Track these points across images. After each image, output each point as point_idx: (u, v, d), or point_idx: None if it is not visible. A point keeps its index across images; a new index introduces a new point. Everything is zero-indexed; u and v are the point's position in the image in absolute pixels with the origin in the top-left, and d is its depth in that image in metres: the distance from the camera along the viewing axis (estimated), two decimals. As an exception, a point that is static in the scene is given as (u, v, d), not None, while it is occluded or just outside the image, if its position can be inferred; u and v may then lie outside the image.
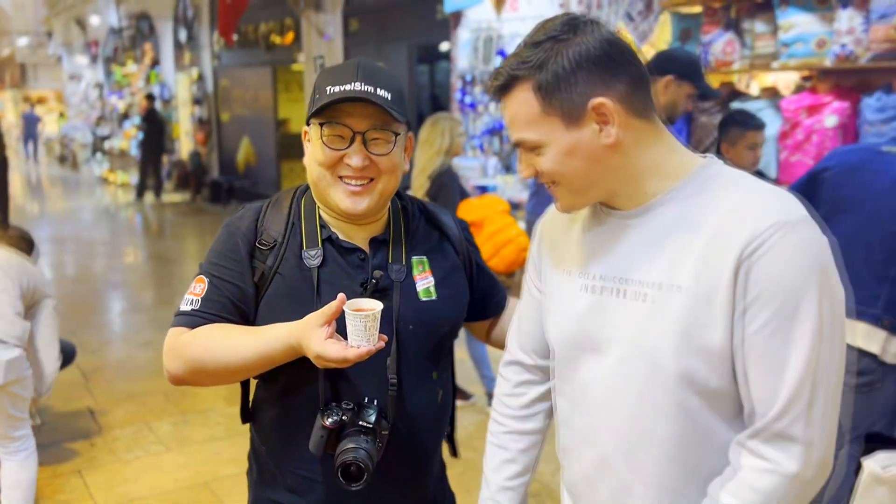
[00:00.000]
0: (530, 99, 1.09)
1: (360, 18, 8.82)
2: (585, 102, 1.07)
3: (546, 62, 1.07)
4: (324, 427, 1.30)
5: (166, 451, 3.83)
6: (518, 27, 6.03)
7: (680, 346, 1.06)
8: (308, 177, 1.42)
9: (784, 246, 1.00)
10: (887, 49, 3.71)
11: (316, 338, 1.21)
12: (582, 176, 1.11)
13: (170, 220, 11.50)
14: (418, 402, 1.42)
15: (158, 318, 6.13)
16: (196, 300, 1.36)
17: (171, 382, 1.38)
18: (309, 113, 1.37)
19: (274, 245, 1.39)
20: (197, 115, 13.43)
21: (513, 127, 1.13)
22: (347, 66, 1.36)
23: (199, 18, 12.79)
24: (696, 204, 1.09)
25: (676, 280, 1.07)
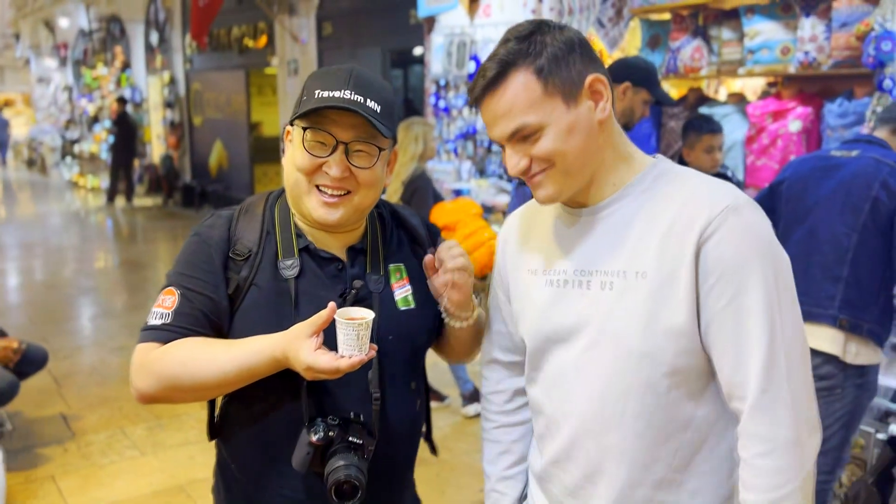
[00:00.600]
0: (531, 82, 1.13)
1: (334, 22, 8.83)
2: (583, 80, 1.15)
3: (542, 48, 1.13)
4: (311, 444, 1.26)
5: (141, 455, 3.82)
6: (491, 32, 6.10)
7: (647, 329, 1.13)
8: (284, 179, 1.38)
9: (737, 226, 1.10)
10: (848, 56, 3.82)
11: (305, 348, 1.17)
12: (580, 153, 1.16)
13: (141, 224, 11.40)
14: (398, 414, 1.40)
15: (131, 324, 6.08)
16: (167, 313, 1.29)
17: (139, 401, 1.31)
18: (294, 114, 1.32)
19: (248, 255, 1.34)
20: (169, 118, 13.32)
21: (510, 115, 1.14)
22: (340, 71, 1.32)
23: (171, 21, 12.70)
24: (653, 197, 1.19)
25: (640, 267, 1.15)
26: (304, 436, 1.28)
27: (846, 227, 2.61)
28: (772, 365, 1.09)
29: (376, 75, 1.37)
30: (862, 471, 3.07)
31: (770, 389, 1.09)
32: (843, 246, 2.61)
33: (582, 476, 1.24)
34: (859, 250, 2.59)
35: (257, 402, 1.35)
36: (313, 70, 8.07)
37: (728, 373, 1.13)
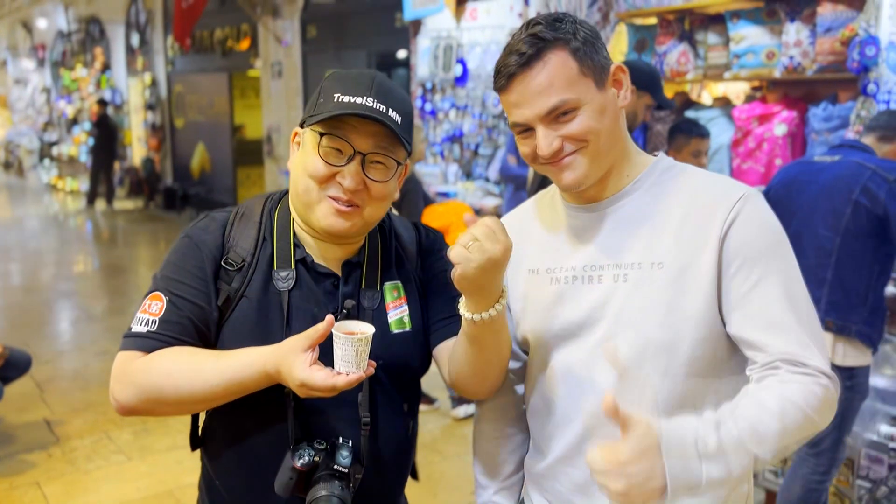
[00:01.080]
0: (569, 61, 1.15)
1: (319, 25, 8.81)
2: (609, 66, 1.20)
3: (575, 31, 1.16)
4: (294, 469, 1.19)
5: (127, 460, 3.77)
6: (477, 36, 6.12)
7: (667, 317, 1.15)
8: (291, 183, 1.30)
9: (754, 213, 1.16)
10: (832, 61, 3.87)
11: (300, 364, 1.10)
12: (609, 135, 1.18)
13: (122, 227, 11.28)
14: (389, 437, 1.33)
15: (113, 327, 6.02)
16: (153, 320, 1.21)
17: (118, 412, 1.22)
18: (309, 116, 1.24)
19: (242, 266, 1.26)
20: (150, 120, 13.20)
21: (549, 91, 1.13)
22: (361, 76, 1.25)
23: (153, 23, 12.60)
24: (661, 192, 1.22)
25: (657, 258, 1.17)
26: (287, 460, 1.21)
27: (829, 230, 2.65)
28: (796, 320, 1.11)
29: (397, 85, 1.28)
30: (849, 470, 3.11)
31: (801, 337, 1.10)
32: (826, 249, 2.65)
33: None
34: (842, 253, 2.63)
35: (242, 420, 1.28)
36: (297, 72, 8.00)
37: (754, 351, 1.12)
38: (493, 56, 5.97)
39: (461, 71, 6.21)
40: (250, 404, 1.23)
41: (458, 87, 6.29)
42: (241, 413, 1.26)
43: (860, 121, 3.66)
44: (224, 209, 1.37)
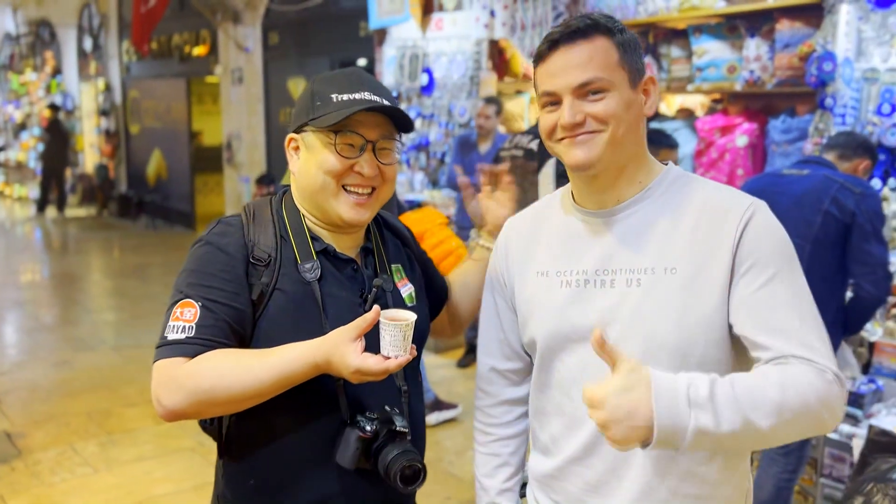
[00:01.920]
0: (611, 49, 1.21)
1: (281, 32, 8.77)
2: (643, 74, 1.25)
3: (620, 31, 1.23)
4: (360, 438, 1.28)
5: (94, 472, 3.69)
6: (443, 46, 6.17)
7: (680, 322, 1.18)
8: (301, 186, 1.38)
9: (763, 219, 1.21)
10: (790, 76, 4.03)
11: (352, 352, 1.18)
12: (629, 130, 1.23)
13: (74, 235, 11.00)
14: (417, 405, 1.45)
15: (71, 337, 5.88)
16: (189, 326, 1.25)
17: (165, 418, 1.25)
18: (311, 119, 1.33)
19: (269, 261, 1.33)
20: (104, 126, 12.92)
21: (587, 66, 1.19)
22: (349, 74, 1.37)
23: (107, 27, 12.35)
24: (671, 200, 1.26)
25: (669, 263, 1.20)
26: (349, 433, 1.29)
27: (800, 238, 2.76)
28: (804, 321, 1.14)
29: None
30: (813, 469, 3.22)
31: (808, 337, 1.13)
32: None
33: (606, 470, 1.25)
34: (812, 262, 2.74)
35: (282, 411, 1.32)
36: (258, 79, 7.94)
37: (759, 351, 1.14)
38: (458, 66, 6.03)
39: (427, 80, 6.25)
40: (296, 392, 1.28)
41: (424, 96, 6.33)
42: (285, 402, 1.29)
43: (818, 133, 3.81)
44: (232, 215, 1.41)
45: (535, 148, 3.14)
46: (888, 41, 3.70)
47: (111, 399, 4.59)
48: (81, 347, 5.63)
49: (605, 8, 4.94)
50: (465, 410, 4.38)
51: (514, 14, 5.52)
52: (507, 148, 3.35)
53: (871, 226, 2.70)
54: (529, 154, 3.16)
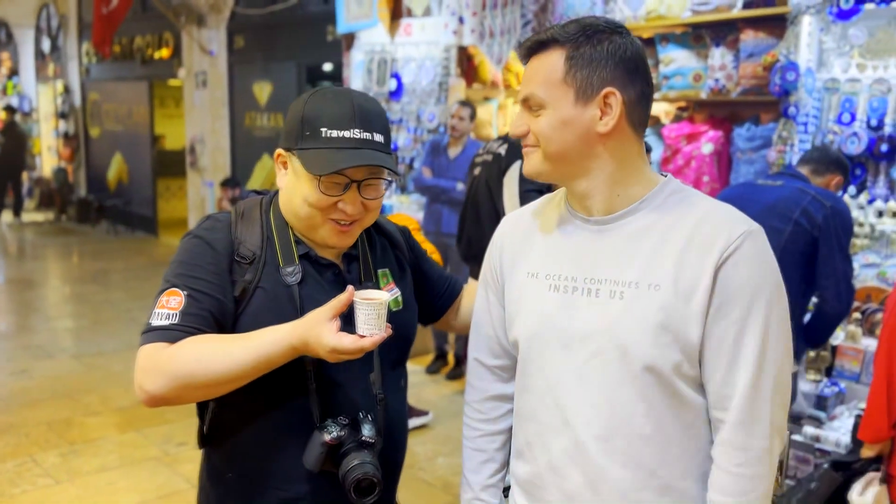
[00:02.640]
0: (558, 64, 1.20)
1: (246, 35, 8.68)
2: (600, 88, 1.19)
3: (586, 42, 1.19)
4: (324, 443, 1.29)
5: (56, 483, 3.59)
6: (412, 51, 6.17)
7: (658, 339, 1.18)
8: (286, 206, 1.41)
9: (751, 252, 1.18)
10: (754, 85, 4.12)
11: (327, 332, 1.21)
12: (563, 147, 1.21)
13: (31, 240, 10.72)
14: (396, 412, 1.46)
15: (30, 345, 5.72)
16: (173, 314, 1.29)
17: (147, 403, 1.28)
18: (297, 147, 1.34)
19: (253, 259, 1.36)
20: (62, 129, 12.64)
21: (529, 82, 1.22)
22: (341, 101, 1.34)
23: (66, 28, 12.10)
24: (666, 213, 1.23)
25: (654, 279, 1.19)
26: (316, 436, 1.31)
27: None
28: (758, 384, 1.17)
29: (368, 97, 1.39)
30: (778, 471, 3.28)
31: (754, 406, 1.17)
32: None
33: (583, 482, 1.25)
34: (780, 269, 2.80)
35: (258, 407, 1.36)
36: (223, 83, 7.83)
37: (718, 384, 1.19)
38: (427, 72, 6.03)
39: (396, 85, 6.25)
40: (270, 389, 1.34)
41: (393, 101, 6.32)
42: (262, 400, 1.36)
43: (781, 141, 3.90)
44: (222, 212, 1.46)
45: (502, 153, 3.18)
46: (848, 52, 3.81)
47: (72, 408, 4.47)
48: (40, 355, 5.49)
49: (573, 15, 4.97)
50: (434, 417, 4.37)
51: (483, 21, 5.55)
52: (481, 153, 3.38)
53: (837, 240, 2.78)
54: (497, 158, 3.20)
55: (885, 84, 3.71)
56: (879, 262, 3.69)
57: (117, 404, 4.48)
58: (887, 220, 3.72)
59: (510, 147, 3.18)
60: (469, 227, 3.40)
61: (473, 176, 3.40)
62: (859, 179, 3.85)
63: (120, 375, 4.92)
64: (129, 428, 4.17)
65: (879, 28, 3.71)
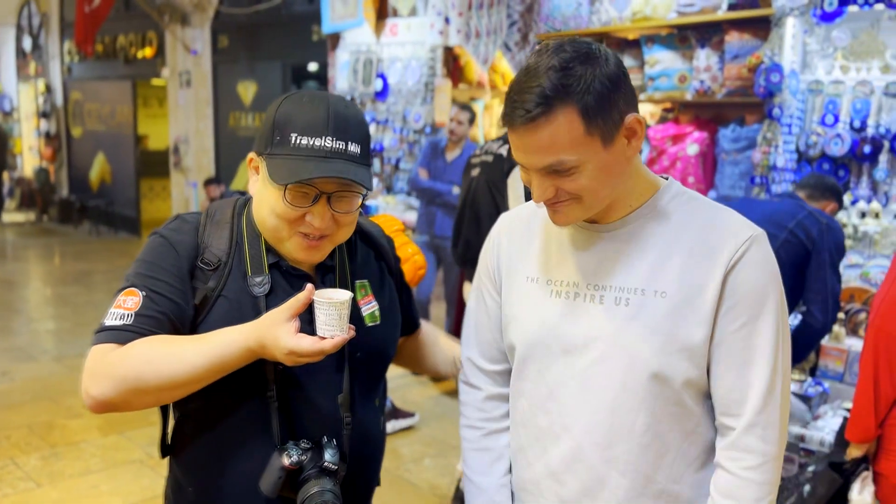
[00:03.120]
0: (575, 122, 1.09)
1: (231, 35, 8.63)
2: (622, 120, 1.13)
3: (588, 85, 1.09)
4: (283, 468, 1.22)
5: (37, 487, 3.55)
6: (398, 51, 6.16)
7: (664, 345, 1.16)
8: (256, 210, 1.31)
9: (758, 257, 1.17)
10: (739, 86, 4.14)
11: (285, 333, 1.13)
12: (608, 191, 1.17)
13: (12, 241, 10.59)
14: (367, 434, 1.38)
15: (11, 347, 5.65)
16: (128, 314, 1.21)
17: (93, 409, 1.19)
18: (266, 153, 1.25)
19: (218, 266, 1.28)
20: (44, 129, 12.51)
21: (549, 151, 1.11)
22: (316, 107, 1.23)
23: (48, 27, 11.98)
24: (670, 218, 1.21)
25: (660, 286, 1.18)
26: (275, 459, 1.23)
27: None
28: (772, 388, 1.16)
29: (348, 103, 1.28)
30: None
31: (766, 410, 1.16)
32: None
33: (581, 489, 1.24)
34: None
35: (222, 423, 1.29)
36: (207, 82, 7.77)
37: (727, 390, 1.18)
38: (413, 72, 6.02)
39: (381, 86, 6.23)
40: (230, 407, 1.27)
41: (379, 101, 6.30)
42: (221, 415, 1.28)
43: (766, 142, 3.92)
44: (192, 212, 1.38)
45: (504, 153, 3.15)
46: (832, 54, 3.84)
47: (54, 411, 4.42)
48: (21, 358, 5.42)
49: (559, 17, 4.99)
50: (420, 418, 4.36)
51: (469, 21, 5.54)
52: (479, 154, 3.36)
53: (830, 256, 2.81)
54: (499, 159, 3.18)
55: (867, 86, 3.74)
56: (862, 263, 3.72)
57: (100, 407, 4.42)
58: (870, 221, 3.76)
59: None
60: (467, 230, 3.36)
61: (471, 177, 3.36)
62: (843, 181, 3.88)
63: (102, 377, 4.86)
64: (111, 431, 4.12)
65: (862, 30, 3.74)
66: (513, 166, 3.10)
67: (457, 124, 4.95)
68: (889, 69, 3.69)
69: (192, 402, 1.28)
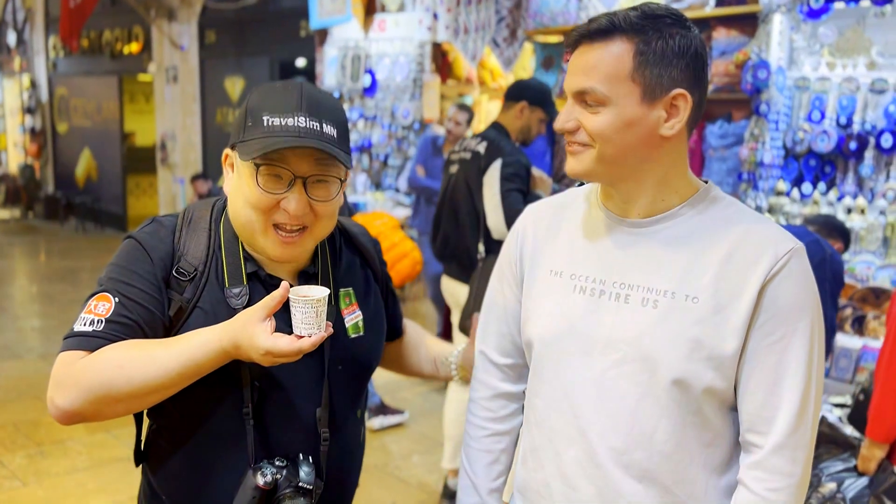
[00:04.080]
0: (625, 58, 1.08)
1: (218, 30, 8.58)
2: (670, 88, 1.10)
3: (656, 36, 1.08)
4: (257, 488, 1.17)
5: (23, 485, 3.52)
6: (386, 47, 6.14)
7: (692, 352, 1.11)
8: (231, 209, 1.26)
9: (797, 270, 1.12)
10: (727, 83, 4.15)
11: (260, 333, 1.09)
12: (623, 150, 1.12)
13: (-3, 238, 10.52)
14: (346, 447, 1.34)
15: (-4, 345, 5.61)
16: (98, 320, 1.16)
17: (60, 420, 1.13)
18: (239, 141, 1.20)
19: (194, 275, 1.22)
20: (29, 124, 12.40)
21: (589, 74, 1.09)
22: (289, 91, 1.19)
23: (32, 22, 11.87)
24: (706, 222, 1.16)
25: (692, 291, 1.12)
26: (249, 479, 1.19)
27: None
28: (804, 409, 1.11)
29: (324, 91, 1.25)
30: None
31: (797, 431, 1.11)
32: None
33: (595, 494, 1.19)
34: None
35: (195, 437, 1.25)
36: (194, 78, 7.73)
37: (756, 406, 1.13)
38: (401, 68, 6.00)
39: (370, 81, 6.21)
40: (205, 421, 1.22)
41: (367, 97, 6.29)
42: (194, 430, 1.24)
43: (753, 138, 3.94)
44: (169, 215, 1.32)
45: (481, 151, 3.16)
46: (818, 51, 3.86)
47: (39, 409, 4.38)
48: (6, 356, 5.37)
49: (547, 14, 5.00)
50: (410, 415, 4.36)
51: (458, 17, 5.53)
52: (457, 150, 3.36)
53: (831, 287, 2.80)
54: (476, 156, 3.19)
55: (853, 83, 3.76)
56: (848, 259, 3.74)
57: (86, 404, 4.39)
58: (856, 217, 3.78)
59: (489, 145, 3.17)
60: (445, 226, 3.38)
61: (450, 174, 3.38)
62: (829, 177, 3.90)
63: (89, 375, 4.83)
64: (98, 429, 4.09)
65: (848, 27, 3.76)
66: (489, 164, 3.11)
67: (455, 124, 4.93)
68: (875, 66, 3.71)
69: (167, 415, 1.25)
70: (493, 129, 3.23)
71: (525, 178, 3.09)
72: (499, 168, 3.05)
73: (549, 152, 5.14)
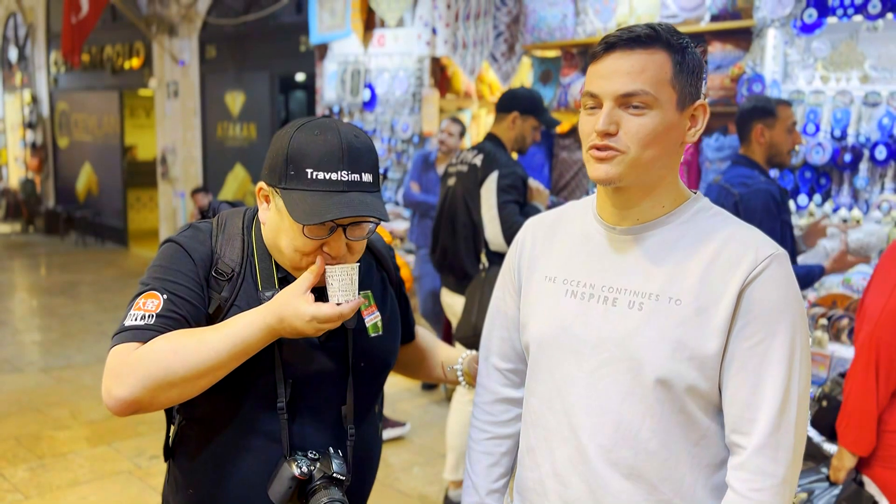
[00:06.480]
0: (667, 65, 1.15)
1: (219, 46, 8.64)
2: (694, 99, 1.20)
3: (689, 50, 1.18)
4: (293, 478, 1.25)
5: (25, 499, 3.53)
6: (385, 62, 6.20)
7: (674, 353, 1.16)
8: (271, 242, 1.33)
9: (777, 275, 1.16)
10: (722, 96, 4.20)
11: (305, 303, 1.18)
12: (659, 154, 1.17)
13: (-2, 252, 10.54)
14: (367, 441, 1.43)
15: (-3, 359, 5.62)
16: (149, 315, 1.23)
17: (117, 411, 1.19)
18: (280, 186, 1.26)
19: (231, 276, 1.31)
20: (30, 139, 12.45)
21: (636, 77, 1.14)
22: (328, 141, 1.24)
23: (34, 37, 11.95)
24: (693, 229, 1.22)
25: (676, 293, 1.17)
26: (286, 469, 1.27)
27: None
28: (785, 410, 1.14)
29: (358, 131, 1.30)
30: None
31: (779, 431, 1.14)
32: None
33: (586, 491, 1.23)
34: None
35: (224, 427, 1.33)
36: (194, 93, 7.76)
37: (739, 407, 1.16)
38: (400, 82, 6.06)
39: (369, 96, 6.26)
40: (236, 415, 1.30)
41: (367, 111, 6.34)
42: (227, 422, 1.32)
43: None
44: (203, 221, 1.41)
45: (478, 163, 3.20)
46: (812, 64, 3.90)
47: (41, 422, 4.40)
48: (7, 369, 5.39)
49: (545, 28, 5.05)
50: (410, 428, 4.37)
51: (456, 32, 5.59)
52: (455, 163, 3.40)
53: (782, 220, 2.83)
54: (473, 169, 3.22)
55: (847, 96, 3.80)
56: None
57: (87, 418, 4.41)
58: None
59: (486, 157, 3.20)
60: (444, 238, 3.41)
61: (447, 186, 3.41)
62: (824, 189, 3.94)
63: (90, 389, 4.85)
64: (99, 442, 4.11)
65: (841, 41, 3.80)
66: (486, 176, 3.14)
67: (447, 136, 4.97)
68: (868, 79, 3.76)
69: (199, 407, 1.33)
70: (489, 142, 3.26)
71: (522, 190, 3.12)
72: (495, 180, 3.09)
73: (548, 165, 5.18)
